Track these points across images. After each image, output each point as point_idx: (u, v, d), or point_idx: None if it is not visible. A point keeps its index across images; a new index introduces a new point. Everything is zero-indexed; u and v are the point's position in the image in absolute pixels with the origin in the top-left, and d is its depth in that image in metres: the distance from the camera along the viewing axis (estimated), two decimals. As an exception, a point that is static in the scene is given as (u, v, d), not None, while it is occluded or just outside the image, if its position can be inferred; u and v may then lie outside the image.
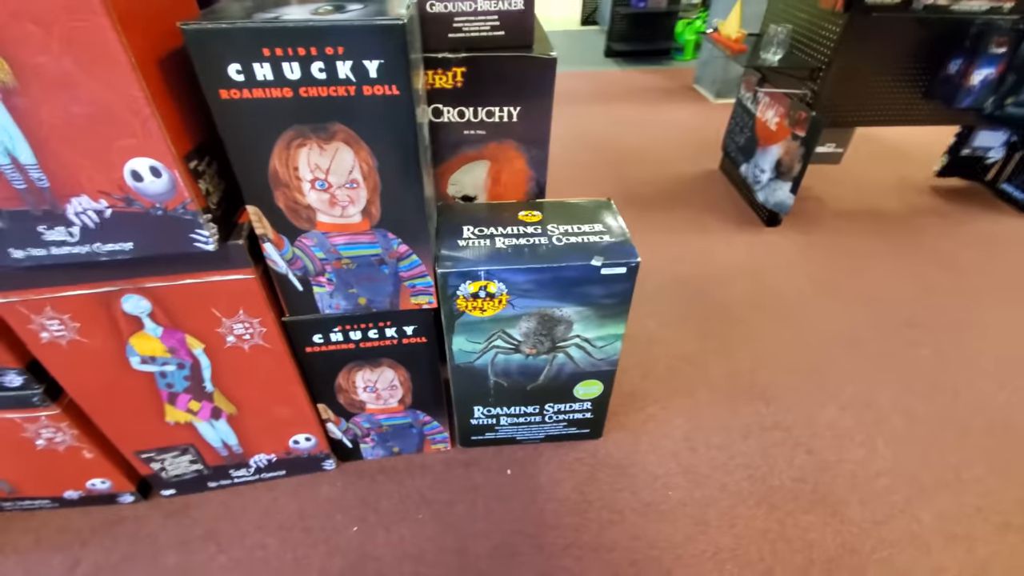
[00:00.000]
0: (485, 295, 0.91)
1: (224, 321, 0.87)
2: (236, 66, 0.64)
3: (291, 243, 0.81)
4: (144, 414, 0.97)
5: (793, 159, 1.84)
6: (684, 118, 3.07)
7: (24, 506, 1.11)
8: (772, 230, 2.02)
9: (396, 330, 0.96)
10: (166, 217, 0.71)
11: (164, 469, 1.09)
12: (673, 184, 2.36)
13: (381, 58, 0.65)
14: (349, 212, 0.79)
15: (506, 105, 0.98)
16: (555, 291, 0.92)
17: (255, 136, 0.70)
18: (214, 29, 0.61)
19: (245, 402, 1.00)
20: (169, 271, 0.79)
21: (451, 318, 0.95)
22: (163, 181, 0.68)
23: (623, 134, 2.87)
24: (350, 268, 0.86)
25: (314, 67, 0.65)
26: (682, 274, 1.79)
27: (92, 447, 1.00)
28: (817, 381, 1.40)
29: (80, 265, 0.76)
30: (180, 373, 0.93)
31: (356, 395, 1.06)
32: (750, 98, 2.11)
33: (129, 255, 0.74)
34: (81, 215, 0.70)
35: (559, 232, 0.96)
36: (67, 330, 0.83)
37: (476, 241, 0.93)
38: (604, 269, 0.90)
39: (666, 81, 3.64)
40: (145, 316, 0.84)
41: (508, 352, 1.02)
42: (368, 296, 0.90)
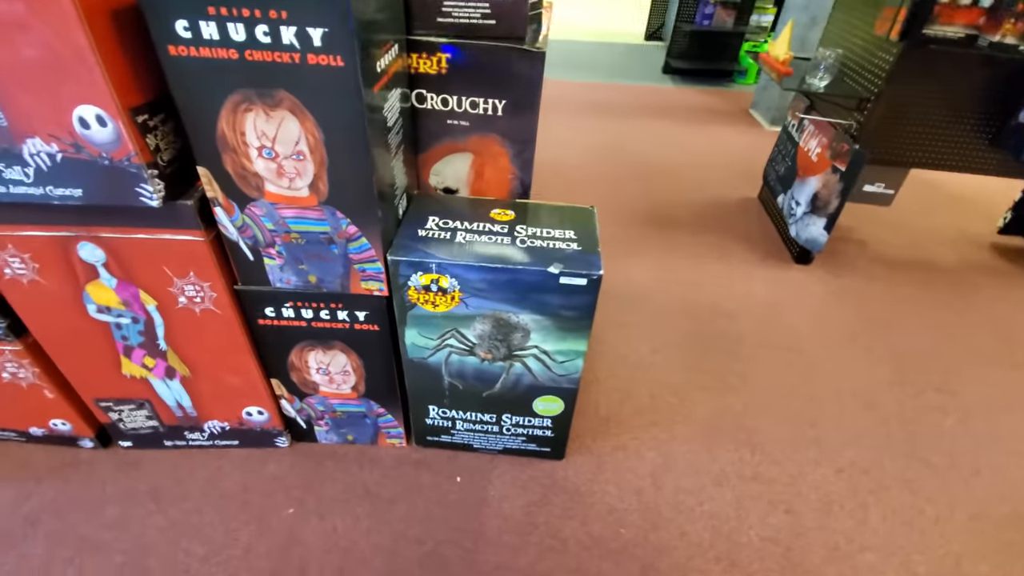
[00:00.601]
0: (437, 289, 0.87)
1: (175, 281, 0.87)
2: (183, 22, 0.63)
3: (241, 210, 0.80)
4: (101, 363, 0.99)
5: (831, 193, 1.70)
6: (732, 142, 2.94)
7: (-5, 435, 1.15)
8: (801, 268, 1.88)
9: (348, 314, 0.93)
10: (112, 167, 0.72)
11: (122, 420, 1.10)
12: (704, 207, 2.25)
13: (324, 27, 0.62)
14: (296, 185, 0.77)
15: (491, 97, 0.94)
16: (511, 295, 0.87)
17: (203, 96, 0.69)
18: (159, -19, 0.60)
19: (198, 366, 1.00)
20: (121, 223, 0.80)
21: (403, 309, 0.91)
22: (108, 131, 0.68)
23: (663, 151, 2.77)
24: (299, 243, 0.84)
25: (258, 30, 0.63)
26: (691, 300, 1.69)
27: (53, 388, 1.03)
28: (814, 436, 1.28)
29: (36, 206, 0.77)
30: (135, 327, 0.94)
31: (309, 375, 1.04)
32: (795, 126, 1.98)
33: (79, 201, 0.75)
34: (35, 156, 0.71)
35: (526, 234, 0.91)
36: (27, 270, 0.85)
37: (437, 232, 0.90)
38: (563, 278, 0.84)
39: (722, 103, 3.50)
40: (100, 266, 0.85)
41: (462, 353, 0.97)
42: (318, 275, 0.88)
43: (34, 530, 1.01)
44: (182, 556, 0.98)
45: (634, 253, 1.92)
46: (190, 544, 1.00)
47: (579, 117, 3.14)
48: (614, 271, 1.82)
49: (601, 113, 3.22)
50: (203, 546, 0.99)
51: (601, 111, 3.25)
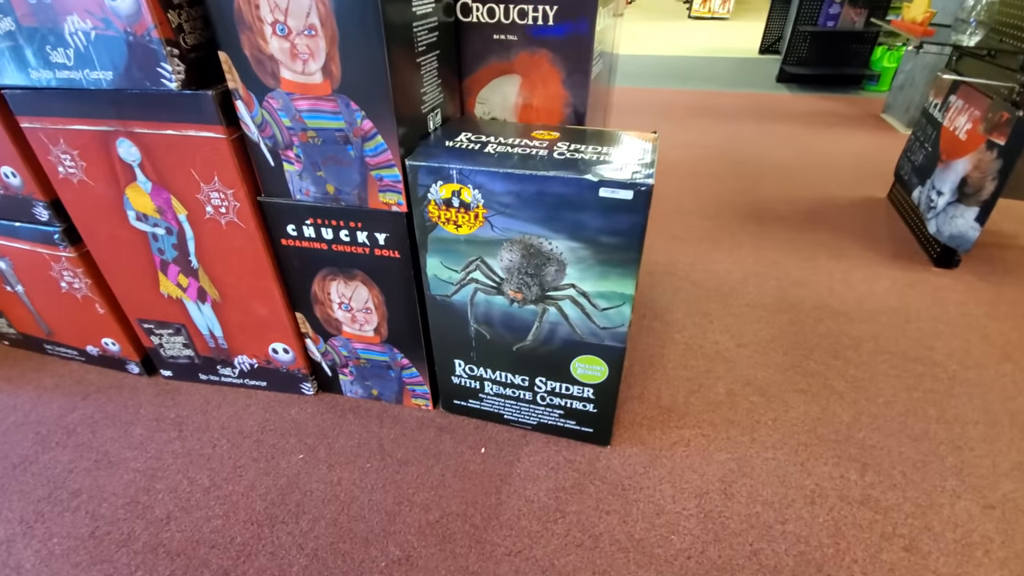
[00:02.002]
0: (459, 204, 0.76)
1: (202, 187, 0.85)
2: None
3: (259, 104, 0.76)
4: (141, 279, 1.00)
5: (985, 176, 1.36)
6: (858, 145, 2.56)
7: (60, 352, 1.22)
8: (943, 271, 1.52)
9: (367, 236, 0.85)
10: (136, 43, 0.70)
11: (162, 346, 1.11)
12: (817, 205, 1.94)
13: None
14: (310, 68, 0.71)
15: (541, 4, 0.83)
16: (541, 212, 0.73)
17: (217, -39, 0.65)
18: None
19: (226, 288, 0.98)
20: (152, 117, 0.79)
21: (423, 231, 0.81)
22: (132, 3, 0.67)
23: (776, 152, 2.48)
24: (316, 143, 0.77)
25: None
26: (792, 297, 1.42)
27: (103, 303, 1.06)
28: (956, 463, 0.96)
29: (80, 97, 0.79)
30: (169, 240, 0.93)
31: (332, 310, 0.97)
32: (938, 105, 1.64)
33: (110, 84, 0.75)
34: (74, 35, 0.72)
35: (566, 149, 0.77)
36: (76, 168, 0.88)
37: (466, 145, 0.79)
38: (603, 189, 0.69)
39: (847, 108, 3.10)
40: (136, 166, 0.85)
41: (489, 291, 0.84)
42: (336, 183, 0.81)
43: (68, 439, 1.02)
44: (187, 484, 0.93)
45: (726, 246, 1.68)
46: (197, 473, 0.95)
47: (686, 120, 2.94)
48: (700, 261, 1.59)
49: (711, 116, 2.99)
50: (209, 477, 0.94)
51: (711, 114, 3.02)
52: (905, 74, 2.70)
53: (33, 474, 0.96)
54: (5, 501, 0.91)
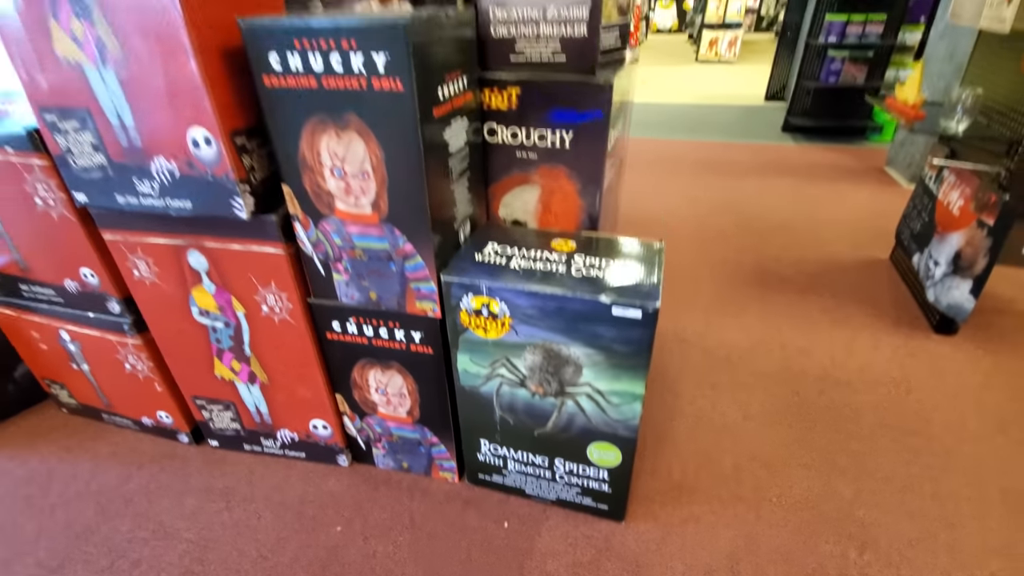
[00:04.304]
0: (488, 313, 0.86)
1: (260, 289, 0.96)
2: (275, 54, 0.73)
3: (315, 225, 0.87)
4: (199, 363, 1.11)
5: (977, 252, 1.44)
6: (862, 200, 2.65)
7: (116, 421, 1.33)
8: (942, 339, 1.59)
9: (404, 334, 0.96)
10: (215, 182, 0.83)
11: (212, 419, 1.21)
12: (822, 266, 2.02)
13: (386, 52, 0.68)
14: (361, 202, 0.82)
15: (559, 129, 0.95)
16: (560, 324, 0.83)
17: (288, 120, 0.78)
18: (260, 24, 0.71)
19: (275, 374, 1.08)
20: (221, 234, 0.91)
21: (455, 332, 0.91)
22: (213, 150, 0.79)
23: (778, 207, 2.58)
24: (362, 259, 0.89)
25: (333, 58, 0.71)
26: (797, 367, 1.49)
27: (161, 382, 1.17)
28: (948, 540, 1.02)
29: (159, 217, 0.91)
30: (226, 331, 1.04)
31: (369, 394, 1.07)
32: (933, 177, 1.73)
33: (189, 213, 0.87)
34: (160, 172, 0.85)
35: (582, 263, 0.87)
36: (151, 273, 1.00)
37: (493, 258, 0.90)
38: (616, 309, 0.79)
39: (852, 160, 3.20)
40: (203, 272, 0.97)
41: (513, 385, 0.94)
42: (378, 291, 0.92)
43: (126, 508, 1.12)
44: (236, 555, 1.02)
45: (732, 310, 1.76)
46: (245, 545, 1.04)
47: (692, 175, 3.05)
48: (707, 326, 1.67)
49: (719, 170, 3.11)
50: (256, 548, 1.03)
51: (719, 168, 3.14)
52: (905, 132, 2.80)
53: (95, 544, 1.05)
54: (71, 571, 1.00)
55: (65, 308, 1.13)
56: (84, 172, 0.89)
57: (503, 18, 0.91)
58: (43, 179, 0.93)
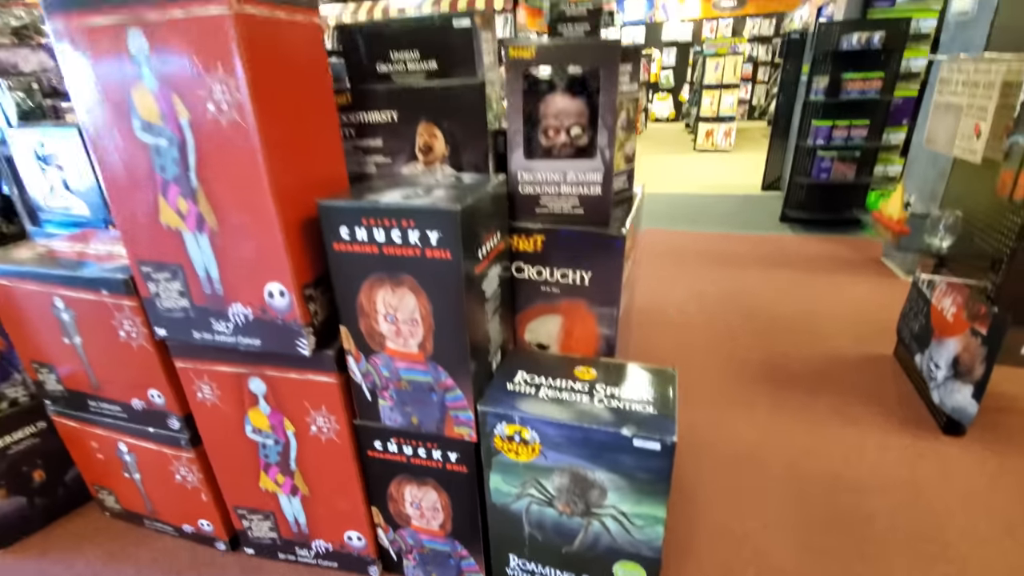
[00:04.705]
0: (519, 440, 0.96)
1: (311, 412, 1.07)
2: (345, 228, 0.88)
3: (366, 360, 0.99)
4: (246, 476, 1.19)
5: (974, 358, 1.52)
6: (862, 293, 2.76)
7: (157, 527, 1.39)
8: (951, 440, 1.63)
9: (441, 454, 1.04)
10: (284, 326, 0.96)
11: (251, 528, 1.28)
12: (828, 363, 2.10)
13: (439, 231, 0.83)
14: (410, 344, 0.94)
15: (579, 270, 1.09)
16: (587, 452, 0.92)
17: (351, 278, 0.92)
18: (334, 205, 0.87)
19: (316, 487, 1.16)
20: (281, 365, 1.03)
21: (489, 455, 1.00)
22: (286, 301, 0.93)
23: (782, 301, 2.69)
24: (407, 390, 0.99)
25: (393, 233, 0.86)
26: (809, 469, 1.54)
27: (208, 493, 1.25)
28: (975, 664, 1.03)
29: (228, 350, 1.04)
30: (275, 448, 1.14)
31: (404, 507, 1.14)
32: (925, 282, 1.85)
33: (258, 349, 1.00)
34: (236, 315, 0.98)
35: (604, 394, 0.97)
36: (213, 396, 1.11)
37: (523, 387, 1.00)
38: (636, 441, 0.88)
39: (849, 252, 3.35)
40: (261, 396, 1.08)
41: (542, 504, 1.01)
42: (420, 417, 1.02)
43: (166, 622, 1.16)
44: (272, 674, 1.05)
45: (743, 408, 1.83)
46: (280, 663, 1.07)
47: (694, 267, 3.21)
48: (718, 427, 1.74)
49: (717, 263, 3.27)
50: (290, 668, 1.06)
51: (717, 261, 3.30)
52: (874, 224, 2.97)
53: (137, 659, 1.09)
54: None
55: (128, 423, 1.23)
56: (167, 312, 1.03)
57: (529, 180, 1.08)
58: (130, 316, 1.07)
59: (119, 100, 0.86)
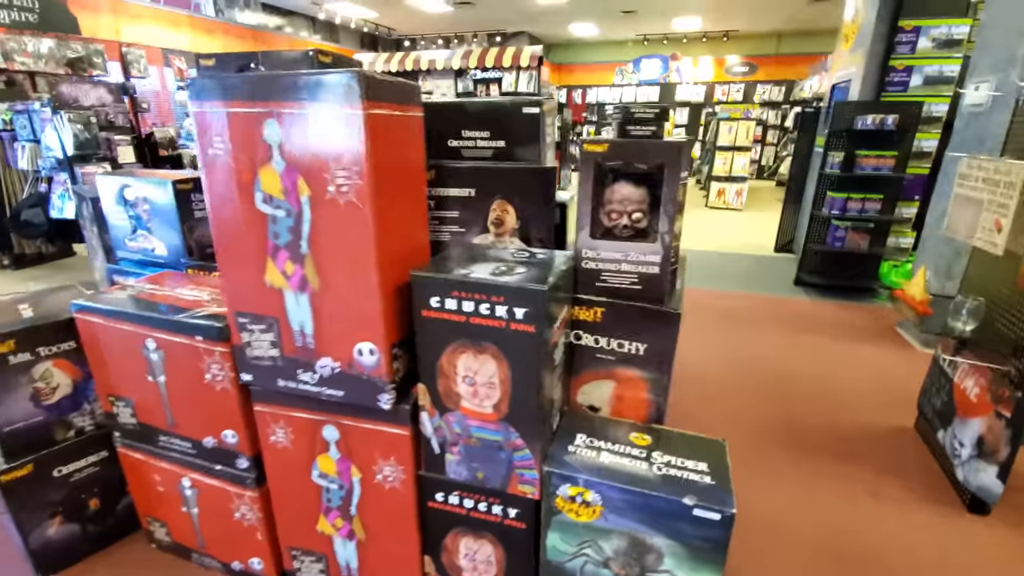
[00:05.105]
0: (582, 501, 1.02)
1: (380, 461, 1.13)
2: (435, 298, 0.97)
3: (440, 416, 1.07)
4: (305, 518, 1.25)
5: (998, 440, 1.58)
6: (880, 363, 2.82)
7: (205, 562, 1.43)
8: (976, 519, 1.67)
9: (502, 509, 1.10)
10: (368, 381, 1.04)
11: (300, 569, 1.32)
12: (851, 434, 2.14)
13: (526, 308, 0.92)
14: (485, 404, 1.02)
15: (635, 340, 1.17)
16: (647, 517, 0.98)
17: (436, 342, 1.01)
18: (427, 276, 0.97)
19: (373, 532, 1.21)
20: (358, 415, 1.10)
21: (549, 513, 1.06)
22: (375, 359, 1.02)
23: (801, 368, 2.75)
24: (476, 446, 1.07)
25: (482, 307, 0.95)
26: (839, 545, 1.57)
27: (264, 532, 1.30)
28: None
29: (308, 398, 1.11)
30: (339, 493, 1.20)
31: (457, 559, 1.19)
32: (947, 361, 1.92)
33: (339, 400, 1.08)
34: (322, 368, 1.07)
35: (662, 461, 1.04)
36: (285, 439, 1.18)
37: (584, 451, 1.07)
38: (696, 511, 0.94)
39: (864, 319, 3.43)
40: (333, 443, 1.15)
41: (598, 565, 1.06)
42: (485, 472, 1.08)
43: (218, 662, 1.19)
44: None
45: (771, 480, 1.87)
46: None
47: (714, 326, 3.29)
48: (749, 497, 1.77)
49: (736, 323, 3.35)
50: None
51: (736, 321, 3.38)
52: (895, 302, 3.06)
53: None
54: None
55: (195, 459, 1.30)
56: (256, 360, 1.11)
57: (593, 256, 1.18)
58: (219, 361, 1.15)
59: (246, 175, 0.97)
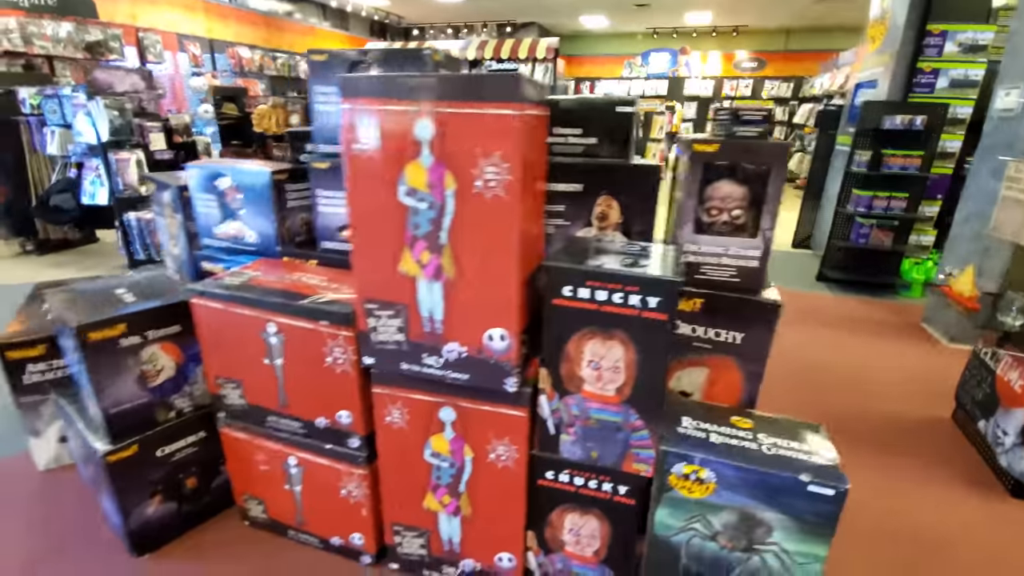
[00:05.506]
0: (696, 479, 1.09)
1: (494, 441, 1.20)
2: (569, 287, 1.04)
3: (560, 399, 1.14)
4: (412, 495, 1.32)
5: (1046, 430, 1.67)
6: (909, 357, 2.92)
7: (301, 539, 1.50)
8: (1020, 503, 1.76)
9: (612, 487, 1.18)
10: (496, 365, 1.10)
11: (401, 544, 1.39)
12: (889, 424, 2.24)
13: (661, 297, 0.99)
14: (608, 388, 1.09)
15: (732, 331, 1.25)
16: (760, 493, 1.06)
17: (565, 329, 1.07)
18: (562, 266, 1.03)
19: (480, 509, 1.28)
20: (478, 398, 1.17)
21: (660, 490, 1.13)
22: (505, 344, 1.08)
23: (832, 360, 2.85)
24: (594, 427, 1.14)
25: (615, 295, 1.02)
26: (891, 529, 1.66)
27: (369, 508, 1.37)
28: None
29: (427, 380, 1.18)
30: (449, 471, 1.27)
31: (561, 533, 1.26)
32: (989, 354, 2.02)
33: (463, 383, 1.14)
34: (448, 353, 1.13)
35: (768, 442, 1.12)
36: (401, 419, 1.25)
37: (694, 431, 1.15)
38: (811, 487, 1.02)
39: (888, 315, 3.54)
40: (449, 424, 1.22)
41: (704, 538, 1.14)
42: (600, 452, 1.16)
43: (334, 628, 1.26)
44: None
45: (820, 461, 1.95)
46: (450, 672, 1.17)
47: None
48: (802, 477, 1.86)
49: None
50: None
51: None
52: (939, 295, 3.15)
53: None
54: None
55: (304, 439, 1.36)
56: (380, 344, 1.18)
57: (694, 250, 1.25)
58: (343, 345, 1.21)
59: (392, 170, 1.03)
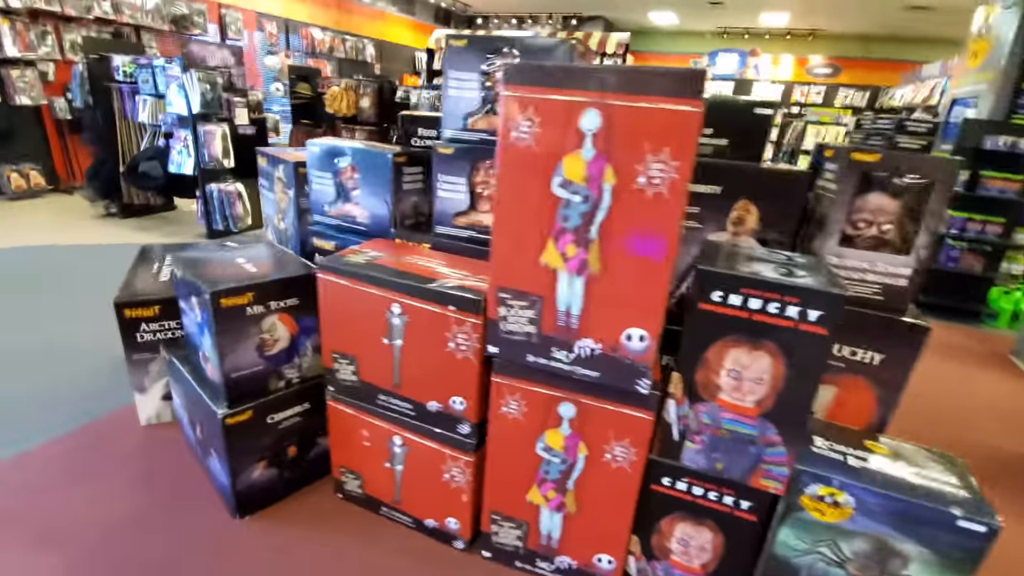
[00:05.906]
0: (831, 501, 1.05)
1: (612, 441, 1.19)
2: (719, 293, 1.01)
3: (689, 405, 1.11)
4: (517, 486, 1.32)
5: None
6: (997, 389, 2.76)
7: (394, 516, 1.52)
8: None
9: (733, 500, 1.15)
10: (631, 366, 1.09)
11: (497, 533, 1.39)
12: (983, 457, 2.12)
13: (823, 311, 0.95)
14: (747, 399, 1.06)
15: (871, 351, 1.19)
16: (900, 523, 1.01)
17: (708, 334, 1.04)
18: (716, 271, 1.00)
19: (585, 508, 1.27)
20: (603, 396, 1.16)
21: (788, 509, 1.10)
22: (644, 345, 1.06)
23: (921, 387, 2.69)
24: (725, 437, 1.11)
25: (771, 305, 0.98)
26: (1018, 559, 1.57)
27: (469, 495, 1.37)
28: None
29: (550, 374, 1.17)
30: (559, 467, 1.26)
31: (669, 543, 1.24)
32: (1112, 397, 1.88)
33: (593, 380, 1.13)
34: (581, 349, 1.12)
35: (910, 472, 1.06)
36: (517, 410, 1.24)
37: (828, 453, 1.10)
38: (961, 521, 0.96)
39: (973, 343, 3.35)
40: (567, 420, 1.21)
41: (831, 564, 1.09)
42: (726, 464, 1.13)
43: (434, 609, 1.28)
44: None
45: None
46: (551, 666, 1.17)
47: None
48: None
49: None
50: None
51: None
52: (1036, 328, 2.97)
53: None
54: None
55: (413, 420, 1.38)
56: (508, 334, 1.17)
57: (838, 264, 1.19)
58: (468, 331, 1.22)
59: (549, 160, 1.02)
